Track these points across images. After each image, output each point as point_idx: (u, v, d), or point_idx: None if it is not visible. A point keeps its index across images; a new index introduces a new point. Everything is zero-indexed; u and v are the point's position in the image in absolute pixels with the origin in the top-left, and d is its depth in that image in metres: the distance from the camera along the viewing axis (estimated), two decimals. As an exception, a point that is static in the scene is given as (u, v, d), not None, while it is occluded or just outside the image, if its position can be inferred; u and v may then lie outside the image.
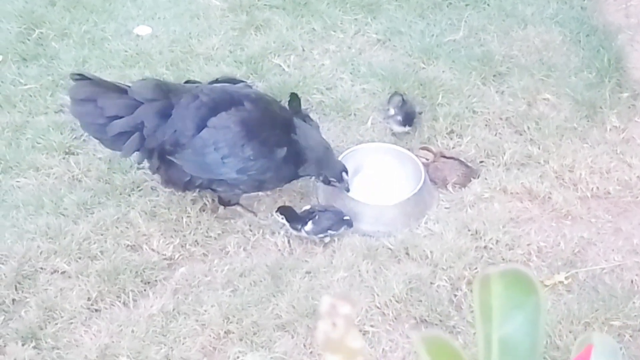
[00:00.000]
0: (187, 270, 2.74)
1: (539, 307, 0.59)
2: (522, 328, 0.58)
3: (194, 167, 2.72)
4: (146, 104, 2.64)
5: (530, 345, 0.58)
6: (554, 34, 3.63)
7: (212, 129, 2.68)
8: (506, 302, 0.59)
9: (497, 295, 0.59)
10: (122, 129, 2.63)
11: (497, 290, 0.59)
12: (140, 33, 3.74)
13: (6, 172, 3.08)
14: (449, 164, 3.02)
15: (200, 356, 2.48)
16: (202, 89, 2.76)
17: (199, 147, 2.68)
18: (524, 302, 0.59)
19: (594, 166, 3.02)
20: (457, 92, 3.34)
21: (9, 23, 3.77)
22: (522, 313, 0.59)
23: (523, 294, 0.59)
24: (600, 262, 2.75)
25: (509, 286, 0.59)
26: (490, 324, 0.59)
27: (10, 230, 2.84)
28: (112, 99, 2.63)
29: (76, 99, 2.68)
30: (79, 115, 2.72)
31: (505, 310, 0.59)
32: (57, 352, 2.49)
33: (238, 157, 2.71)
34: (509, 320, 0.59)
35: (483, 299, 0.60)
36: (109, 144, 2.74)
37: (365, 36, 3.69)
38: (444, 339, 0.56)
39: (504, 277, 0.60)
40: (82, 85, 2.67)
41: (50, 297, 2.63)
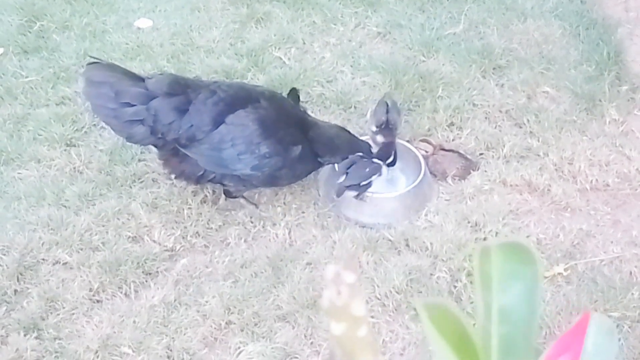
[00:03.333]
0: (188, 261, 2.75)
1: (537, 277, 0.60)
2: (521, 297, 0.60)
3: (209, 161, 2.73)
4: (161, 98, 2.63)
5: (529, 313, 0.60)
6: (554, 27, 3.64)
7: (229, 126, 2.70)
8: (506, 272, 0.61)
9: (496, 266, 0.61)
10: (134, 117, 2.63)
11: (497, 261, 0.61)
12: (141, 26, 3.75)
13: (8, 164, 3.09)
14: (448, 157, 3.03)
15: (201, 346, 2.49)
16: (220, 85, 2.77)
17: (215, 142, 2.70)
18: (522, 273, 0.61)
19: (593, 159, 3.03)
20: (457, 85, 3.35)
21: (10, 15, 3.78)
22: (521, 283, 0.60)
23: (522, 264, 0.61)
24: (599, 254, 2.76)
25: (508, 257, 0.61)
26: (490, 294, 0.60)
27: (12, 221, 2.85)
28: (127, 86, 2.63)
29: (91, 81, 2.66)
30: (92, 97, 2.69)
31: (505, 280, 0.61)
32: (59, 342, 2.50)
33: (254, 154, 2.72)
34: (509, 289, 0.60)
35: (483, 269, 0.61)
36: (117, 129, 2.74)
37: (366, 29, 3.70)
38: (446, 306, 0.58)
39: (503, 249, 0.62)
40: (98, 67, 2.66)
41: (52, 288, 2.64)
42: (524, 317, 0.60)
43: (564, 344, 0.56)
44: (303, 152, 2.80)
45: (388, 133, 2.98)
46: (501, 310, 0.60)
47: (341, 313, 0.52)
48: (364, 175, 2.88)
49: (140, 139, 2.72)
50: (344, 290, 0.51)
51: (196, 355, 2.46)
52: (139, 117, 2.63)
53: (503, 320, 0.60)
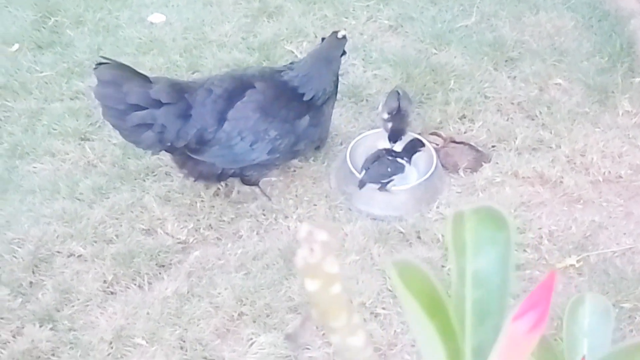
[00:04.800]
0: (200, 253, 2.77)
1: (510, 242, 0.62)
2: (495, 262, 0.61)
3: (225, 161, 2.75)
4: (166, 107, 2.64)
5: (502, 277, 0.61)
6: (566, 19, 3.64)
7: (232, 121, 2.71)
8: (479, 237, 0.62)
9: (470, 231, 0.62)
10: (141, 121, 2.63)
11: (470, 226, 0.62)
12: (154, 21, 3.77)
13: (23, 158, 3.12)
14: (459, 149, 3.03)
15: (213, 337, 2.51)
16: (213, 82, 2.76)
17: (224, 140, 2.71)
18: (496, 238, 0.62)
19: (605, 150, 3.02)
20: (468, 77, 3.36)
21: (25, 11, 3.81)
22: (494, 248, 0.61)
23: (495, 229, 0.62)
24: (611, 246, 2.76)
25: (481, 222, 0.62)
26: (464, 258, 0.62)
27: (27, 214, 2.88)
28: (136, 87, 2.63)
29: (102, 81, 2.66)
30: (102, 97, 2.68)
31: (478, 245, 0.62)
32: (73, 333, 2.53)
33: (265, 140, 2.74)
34: (482, 254, 0.61)
35: (457, 234, 0.62)
36: (126, 134, 2.74)
37: (377, 22, 3.71)
38: (415, 264, 0.59)
39: (477, 214, 0.63)
40: (109, 67, 2.66)
41: (67, 280, 2.66)
42: (498, 281, 0.61)
43: (532, 302, 0.57)
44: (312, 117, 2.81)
45: (399, 120, 2.99)
46: (475, 275, 0.61)
47: (315, 271, 0.53)
48: (385, 174, 2.91)
49: (149, 145, 2.70)
50: (317, 248, 0.52)
51: (209, 346, 2.48)
52: (147, 121, 2.63)
53: (477, 284, 0.61)
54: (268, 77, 2.81)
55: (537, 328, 0.56)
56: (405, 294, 0.58)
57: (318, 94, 2.81)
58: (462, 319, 0.61)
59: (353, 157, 2.98)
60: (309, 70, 2.82)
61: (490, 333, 0.58)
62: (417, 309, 0.58)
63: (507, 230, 0.62)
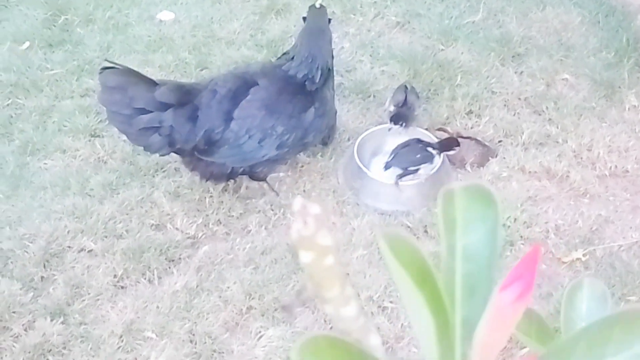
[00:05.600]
0: (209, 248, 2.79)
1: (498, 219, 0.64)
2: (483, 237, 0.63)
3: (235, 160, 2.78)
4: (172, 110, 2.66)
5: (490, 252, 0.63)
6: (573, 14, 3.65)
7: (239, 120, 2.73)
8: (468, 214, 0.64)
9: (460, 208, 0.64)
10: (149, 124, 2.65)
11: (460, 203, 0.64)
12: (163, 18, 3.80)
13: (34, 155, 3.15)
14: (466, 144, 3.05)
15: (222, 331, 2.53)
16: (217, 82, 2.78)
17: (233, 140, 2.74)
18: (484, 215, 0.64)
19: (612, 145, 3.04)
20: (475, 73, 3.37)
21: (35, 10, 3.85)
22: (483, 224, 0.63)
23: (484, 207, 0.64)
24: (617, 239, 2.77)
25: (471, 200, 0.64)
26: (454, 234, 0.64)
27: (38, 210, 2.91)
28: (141, 91, 2.64)
29: (106, 86, 2.67)
30: (107, 103, 2.70)
31: (468, 222, 0.64)
32: (84, 327, 2.56)
33: (272, 136, 2.77)
34: (471, 230, 0.63)
35: (447, 211, 0.65)
36: (133, 138, 2.76)
37: (385, 19, 3.73)
38: (405, 237, 0.61)
39: (466, 192, 0.65)
40: (113, 72, 2.67)
41: (77, 275, 2.69)
42: (486, 256, 0.63)
43: (517, 274, 0.59)
44: (317, 109, 2.83)
45: (405, 111, 3.02)
46: (465, 250, 0.63)
47: (308, 243, 0.55)
48: (414, 161, 2.94)
49: (157, 148, 2.71)
50: (310, 221, 0.54)
51: (218, 340, 2.51)
52: (154, 125, 2.65)
53: (467, 258, 0.63)
54: (270, 73, 2.82)
55: (523, 298, 0.59)
56: (395, 264, 0.61)
57: (324, 70, 2.83)
58: (453, 291, 0.63)
59: (360, 152, 3.01)
60: (309, 50, 2.82)
61: (479, 304, 0.60)
62: (406, 280, 0.60)
63: (495, 207, 0.64)
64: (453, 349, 0.62)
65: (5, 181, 3.04)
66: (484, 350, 0.60)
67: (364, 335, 0.61)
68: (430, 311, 0.59)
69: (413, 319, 0.62)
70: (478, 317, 0.60)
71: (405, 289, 0.61)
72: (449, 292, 0.63)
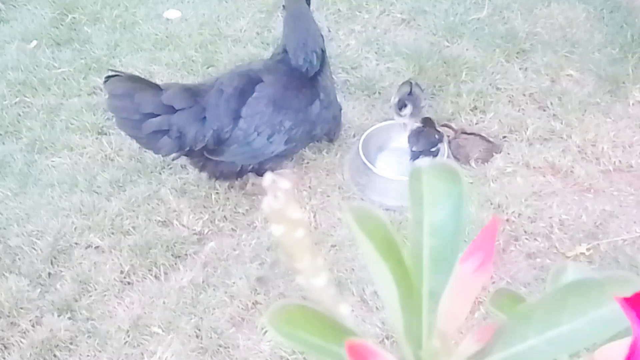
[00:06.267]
0: (216, 244, 2.81)
1: (463, 195, 0.66)
2: (450, 213, 0.65)
3: (244, 158, 2.80)
4: (180, 112, 2.69)
5: (456, 227, 0.65)
6: (578, 10, 3.65)
7: (247, 118, 2.75)
8: (435, 190, 0.66)
9: (427, 185, 0.66)
10: (157, 127, 2.67)
11: (427, 180, 0.66)
12: (170, 17, 3.83)
13: (41, 152, 3.18)
14: (470, 140, 3.06)
15: (229, 326, 2.55)
16: (222, 82, 2.80)
17: (242, 138, 2.76)
18: (450, 191, 0.66)
19: (616, 140, 3.04)
20: (480, 69, 3.38)
21: (43, 9, 3.88)
22: (449, 200, 0.65)
23: (451, 184, 0.66)
24: (621, 234, 2.77)
25: (438, 177, 0.66)
26: (422, 210, 0.66)
27: (46, 207, 2.94)
28: (148, 96, 2.67)
29: (114, 94, 2.70)
30: (116, 110, 2.74)
31: (435, 198, 0.66)
32: (91, 322, 2.59)
33: (281, 132, 2.79)
34: (438, 206, 0.66)
35: (415, 188, 0.67)
36: (143, 142, 2.79)
37: (390, 16, 3.74)
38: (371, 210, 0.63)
39: (433, 170, 0.67)
40: (119, 80, 2.70)
41: (85, 271, 2.72)
42: (452, 231, 0.65)
43: (477, 245, 0.61)
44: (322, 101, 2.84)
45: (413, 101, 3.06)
46: (432, 225, 0.65)
47: (279, 216, 0.58)
48: (433, 142, 2.99)
49: (168, 151, 2.74)
50: (280, 195, 0.57)
51: (224, 335, 2.52)
52: (163, 128, 2.67)
53: (433, 233, 0.65)
54: (273, 69, 2.84)
55: (483, 268, 0.61)
56: (361, 237, 0.63)
57: (318, 52, 2.83)
58: (420, 264, 0.65)
59: (366, 149, 3.02)
60: (298, 36, 2.82)
61: (445, 277, 0.62)
62: (372, 251, 0.63)
63: (461, 185, 0.67)
64: (420, 318, 0.64)
65: (13, 179, 3.07)
66: (448, 318, 0.62)
67: (335, 305, 0.64)
68: (395, 281, 0.62)
69: (380, 290, 0.64)
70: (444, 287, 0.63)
71: (372, 260, 0.63)
72: (416, 265, 0.66)
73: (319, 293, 0.64)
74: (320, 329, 0.63)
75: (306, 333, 0.63)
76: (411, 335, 0.64)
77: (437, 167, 0.68)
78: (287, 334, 0.62)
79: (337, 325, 0.64)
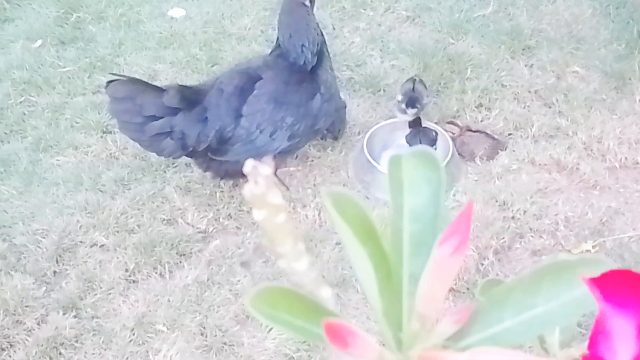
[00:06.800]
0: (220, 242, 2.81)
1: (441, 182, 0.67)
2: (429, 199, 0.67)
3: (249, 156, 2.75)
4: (182, 114, 2.69)
5: (435, 212, 0.67)
6: (584, 7, 3.64)
7: (248, 116, 2.76)
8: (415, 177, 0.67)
9: (407, 171, 0.67)
10: (160, 130, 2.68)
11: (407, 167, 0.68)
12: (174, 15, 3.83)
13: (46, 151, 3.19)
14: (475, 137, 3.06)
15: (233, 324, 2.55)
16: (222, 80, 2.81)
17: (245, 137, 2.76)
18: (429, 178, 0.67)
19: (622, 137, 3.03)
20: (485, 66, 3.37)
21: (48, 8, 3.88)
22: (428, 187, 0.67)
23: (429, 170, 0.67)
24: (627, 231, 2.76)
25: (417, 164, 0.67)
26: (402, 196, 0.67)
27: (51, 206, 2.94)
28: (150, 98, 2.68)
29: (115, 97, 2.71)
30: (118, 114, 2.76)
31: (414, 184, 0.67)
32: (96, 320, 2.59)
33: (283, 128, 2.79)
34: (418, 192, 0.67)
35: (394, 175, 0.68)
36: (146, 145, 2.79)
37: (395, 13, 3.74)
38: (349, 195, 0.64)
39: (413, 157, 0.68)
40: (121, 83, 2.71)
41: (90, 269, 2.72)
42: (432, 216, 0.67)
43: (454, 229, 0.62)
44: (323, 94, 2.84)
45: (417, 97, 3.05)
46: (412, 210, 0.67)
47: (260, 201, 0.58)
48: (433, 139, 2.99)
49: (171, 152, 2.75)
50: (260, 181, 0.57)
51: (228, 332, 2.53)
52: (166, 130, 2.68)
53: (413, 219, 0.66)
54: (272, 65, 2.84)
55: (459, 251, 0.63)
56: (339, 222, 0.64)
57: (310, 46, 2.83)
58: (400, 250, 0.66)
59: (370, 146, 3.02)
60: (288, 29, 2.82)
61: (424, 261, 0.64)
62: (350, 236, 0.63)
63: (439, 171, 0.68)
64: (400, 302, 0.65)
65: (18, 177, 3.08)
66: (426, 301, 0.64)
67: (316, 288, 0.65)
68: (373, 265, 0.63)
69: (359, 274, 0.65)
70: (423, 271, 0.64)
71: (350, 244, 0.64)
72: (397, 250, 0.67)
73: (300, 276, 0.65)
74: (302, 310, 0.65)
75: (288, 315, 0.64)
76: (391, 318, 0.65)
77: (416, 154, 0.69)
78: (269, 315, 0.63)
79: (319, 307, 0.65)
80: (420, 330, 0.63)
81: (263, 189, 0.59)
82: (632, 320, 0.54)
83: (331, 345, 0.59)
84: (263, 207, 0.60)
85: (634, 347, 0.53)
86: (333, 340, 0.59)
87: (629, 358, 0.53)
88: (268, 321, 0.63)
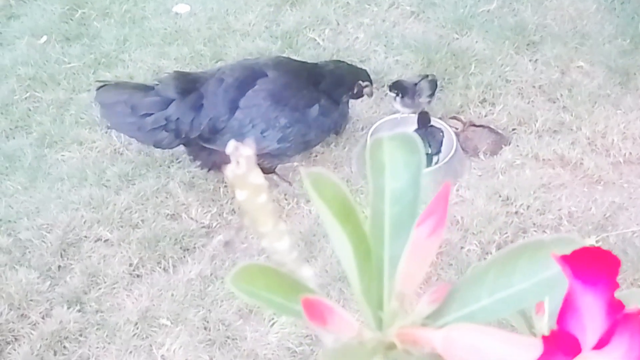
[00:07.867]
0: (224, 237, 2.82)
1: (421, 165, 0.68)
2: (409, 182, 0.68)
3: None
4: (177, 101, 2.73)
5: (414, 195, 0.68)
6: (589, 2, 3.63)
7: (244, 109, 2.77)
8: (395, 160, 0.68)
9: (388, 155, 0.68)
10: (155, 124, 2.73)
11: (388, 150, 0.68)
12: (179, 11, 3.83)
13: (51, 147, 3.20)
14: (479, 132, 3.06)
15: (236, 318, 2.56)
16: (225, 71, 2.83)
17: (236, 129, 2.77)
18: (410, 161, 0.68)
19: (626, 132, 3.02)
20: (489, 61, 3.37)
21: (53, 4, 3.90)
22: (408, 170, 0.68)
23: (409, 153, 0.68)
24: (631, 226, 2.76)
25: (397, 147, 0.68)
26: (383, 179, 0.68)
27: (56, 201, 2.95)
28: (140, 98, 2.74)
29: (105, 103, 2.78)
30: (110, 117, 2.83)
31: (395, 167, 0.67)
32: (100, 314, 2.60)
33: (275, 128, 2.79)
34: (398, 175, 0.67)
35: (375, 158, 0.68)
36: (143, 140, 2.85)
37: (399, 9, 3.73)
38: (328, 175, 0.65)
39: (393, 140, 0.69)
40: (107, 89, 2.78)
41: (94, 264, 2.74)
42: (411, 199, 0.67)
43: (431, 210, 0.63)
44: (322, 107, 2.85)
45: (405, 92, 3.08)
46: (392, 193, 0.67)
47: (242, 181, 0.59)
48: (440, 140, 3.01)
49: (167, 144, 2.80)
50: (242, 161, 0.58)
51: (231, 326, 2.53)
52: (160, 124, 2.73)
53: (394, 201, 0.67)
54: (281, 66, 2.87)
55: (437, 232, 0.64)
56: (319, 202, 0.64)
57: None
58: (381, 231, 0.67)
59: (374, 141, 3.01)
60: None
61: (404, 242, 0.64)
62: (329, 216, 0.64)
63: (419, 154, 0.69)
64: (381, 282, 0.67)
65: (23, 173, 3.09)
66: (405, 281, 0.65)
67: (297, 267, 0.66)
68: (352, 245, 0.64)
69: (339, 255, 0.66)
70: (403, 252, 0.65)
71: (330, 225, 0.65)
72: (378, 232, 0.67)
73: (282, 256, 0.66)
74: (282, 288, 0.66)
75: (268, 292, 0.66)
76: (370, 297, 0.66)
77: (397, 137, 0.70)
78: (249, 292, 0.65)
79: (298, 284, 0.67)
80: (399, 309, 0.64)
81: (245, 170, 0.60)
82: (601, 297, 0.55)
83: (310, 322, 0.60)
84: (245, 188, 0.61)
85: (602, 323, 0.54)
86: (311, 317, 0.59)
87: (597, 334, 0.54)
88: (248, 298, 0.64)
